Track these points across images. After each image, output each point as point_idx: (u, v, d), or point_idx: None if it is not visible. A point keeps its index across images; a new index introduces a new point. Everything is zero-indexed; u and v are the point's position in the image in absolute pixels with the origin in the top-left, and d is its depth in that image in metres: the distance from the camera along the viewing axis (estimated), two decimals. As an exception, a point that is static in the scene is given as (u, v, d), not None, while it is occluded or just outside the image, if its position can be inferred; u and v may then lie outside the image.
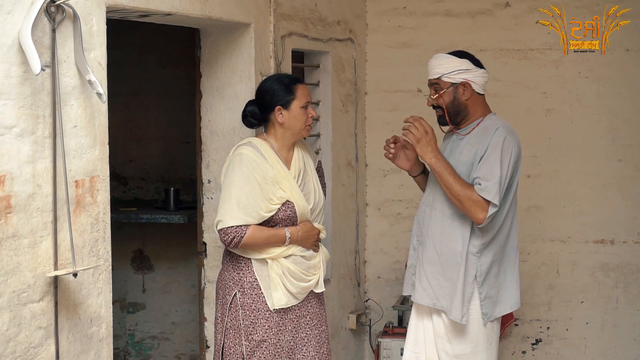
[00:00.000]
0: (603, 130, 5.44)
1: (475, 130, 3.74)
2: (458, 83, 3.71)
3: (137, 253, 6.07)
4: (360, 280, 5.66)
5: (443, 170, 3.65)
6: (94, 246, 2.98)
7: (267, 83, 3.80)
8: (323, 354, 3.86)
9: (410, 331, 3.92)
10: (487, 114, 3.79)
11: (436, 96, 3.75)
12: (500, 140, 3.63)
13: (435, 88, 3.76)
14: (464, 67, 3.71)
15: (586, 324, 5.54)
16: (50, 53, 2.74)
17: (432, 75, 3.77)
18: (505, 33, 5.49)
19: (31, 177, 2.70)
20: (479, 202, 3.58)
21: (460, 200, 3.62)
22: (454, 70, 3.70)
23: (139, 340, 6.10)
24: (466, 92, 3.72)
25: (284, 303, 3.71)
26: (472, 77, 3.72)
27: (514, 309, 3.83)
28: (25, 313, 2.69)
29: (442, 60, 3.75)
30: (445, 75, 3.72)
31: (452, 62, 3.72)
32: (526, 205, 5.47)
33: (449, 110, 3.74)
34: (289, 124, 3.74)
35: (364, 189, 5.70)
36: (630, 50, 5.35)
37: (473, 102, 3.75)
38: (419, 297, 3.80)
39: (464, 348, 3.73)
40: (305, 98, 3.76)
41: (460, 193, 3.61)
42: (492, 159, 3.61)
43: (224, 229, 3.64)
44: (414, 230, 3.90)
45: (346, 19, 5.35)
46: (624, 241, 5.47)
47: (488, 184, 3.58)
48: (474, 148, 3.69)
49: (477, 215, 3.59)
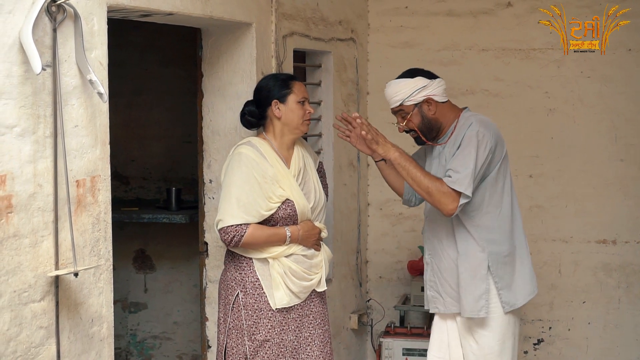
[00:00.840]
0: (605, 129, 5.43)
1: (454, 134, 3.75)
2: (421, 101, 3.72)
3: (139, 253, 6.07)
4: (362, 280, 5.66)
5: (408, 163, 3.65)
6: (95, 246, 2.98)
7: (264, 81, 3.84)
8: (327, 353, 3.86)
9: (434, 336, 3.92)
10: (459, 113, 3.80)
11: (405, 122, 3.76)
12: (472, 133, 3.63)
13: (402, 115, 3.77)
14: (420, 85, 3.71)
15: (588, 324, 5.54)
16: (51, 53, 2.74)
17: (392, 104, 3.78)
18: (507, 33, 5.49)
19: (32, 176, 2.70)
20: (449, 193, 3.58)
21: (429, 193, 3.61)
22: (413, 92, 3.71)
23: (140, 340, 6.11)
24: (431, 107, 3.73)
25: (286, 302, 3.71)
26: (431, 91, 3.72)
27: (532, 295, 3.84)
28: (26, 313, 2.69)
29: (397, 87, 3.75)
30: (406, 100, 3.72)
31: (407, 85, 3.72)
32: (528, 205, 5.47)
33: (422, 130, 3.75)
34: (286, 119, 3.74)
35: (365, 189, 5.70)
36: (632, 50, 5.34)
37: (441, 113, 3.75)
38: (450, 306, 3.81)
39: (492, 346, 3.73)
40: (301, 93, 3.77)
41: (429, 185, 3.60)
42: (465, 152, 3.61)
43: (224, 228, 3.64)
44: (425, 244, 3.93)
45: (348, 18, 5.35)
46: (626, 241, 5.46)
47: (459, 176, 3.58)
48: (452, 149, 3.70)
49: (447, 206, 3.59)
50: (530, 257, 3.89)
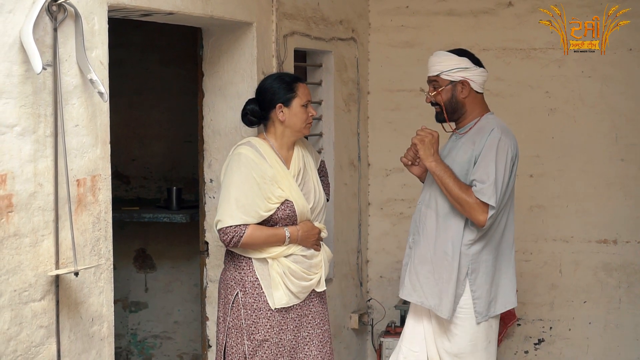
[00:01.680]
0: (606, 129, 5.43)
1: (473, 129, 3.74)
2: (457, 81, 3.73)
3: (140, 252, 6.07)
4: (362, 280, 5.66)
5: (443, 173, 3.66)
6: (96, 245, 2.98)
7: (268, 81, 3.81)
8: (326, 353, 3.86)
9: (407, 329, 3.90)
10: (485, 113, 3.79)
11: (434, 93, 3.76)
12: (495, 141, 3.63)
13: (434, 85, 3.78)
14: (463, 65, 3.72)
15: (589, 324, 5.53)
16: (51, 52, 2.74)
17: (431, 72, 3.79)
18: (508, 32, 5.49)
19: (32, 176, 2.70)
20: (478, 204, 3.59)
21: (460, 204, 3.62)
22: (453, 69, 3.71)
23: (141, 340, 6.11)
24: (464, 90, 3.73)
25: (285, 302, 3.71)
26: (470, 75, 3.72)
27: (508, 307, 3.82)
28: (27, 312, 2.69)
29: (441, 57, 3.76)
30: (444, 73, 3.73)
31: (451, 60, 3.73)
32: (529, 205, 5.47)
33: (446, 107, 3.75)
34: (290, 122, 3.74)
35: (366, 189, 5.70)
36: (633, 49, 5.34)
37: (471, 100, 3.75)
38: (407, 293, 3.80)
39: (464, 347, 3.72)
40: (306, 97, 3.76)
41: (459, 196, 3.61)
42: (487, 161, 3.61)
43: (223, 228, 3.64)
44: (411, 228, 3.90)
45: (349, 18, 5.35)
46: (627, 241, 5.46)
47: (483, 186, 3.59)
48: (469, 148, 3.70)
49: (478, 218, 3.60)
50: (514, 272, 3.85)
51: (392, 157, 4.02)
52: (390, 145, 3.91)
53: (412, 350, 3.87)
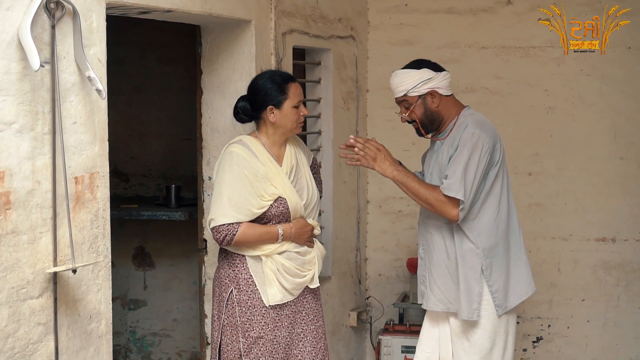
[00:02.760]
0: (605, 128, 5.43)
1: (453, 131, 3.74)
2: (425, 94, 3.71)
3: (139, 250, 6.07)
4: (361, 278, 5.66)
5: (406, 179, 3.68)
6: (94, 242, 2.98)
7: (260, 81, 3.78)
8: (320, 349, 3.86)
9: (424, 332, 3.91)
10: (461, 110, 3.79)
11: (408, 112, 3.75)
12: (468, 136, 3.63)
13: (405, 105, 3.76)
14: (425, 77, 3.70)
15: (587, 322, 5.54)
16: (49, 49, 2.74)
17: (397, 94, 3.76)
18: (507, 30, 5.49)
19: (30, 173, 2.70)
20: (448, 200, 3.61)
21: (430, 204, 3.65)
22: (417, 84, 3.69)
23: (140, 337, 6.11)
24: (435, 99, 3.72)
25: (279, 299, 3.72)
26: (435, 84, 3.71)
27: (528, 295, 3.84)
28: (25, 309, 2.70)
29: (402, 77, 3.74)
30: (411, 91, 3.70)
31: (413, 77, 3.71)
32: (528, 203, 5.47)
33: (423, 122, 3.75)
34: (280, 123, 3.73)
35: (365, 187, 5.69)
36: (632, 48, 5.34)
37: (444, 106, 3.74)
38: (432, 304, 3.81)
39: (483, 344, 3.73)
40: (297, 97, 3.74)
41: (427, 196, 3.64)
42: (460, 156, 3.62)
43: (216, 227, 3.65)
44: (419, 239, 3.92)
45: (347, 16, 5.34)
46: (626, 239, 5.46)
47: (450, 182, 3.60)
48: (449, 149, 3.70)
49: (451, 213, 3.62)
50: (527, 257, 3.88)
51: (391, 155, 4.01)
52: (389, 143, 3.89)
53: (425, 351, 3.88)
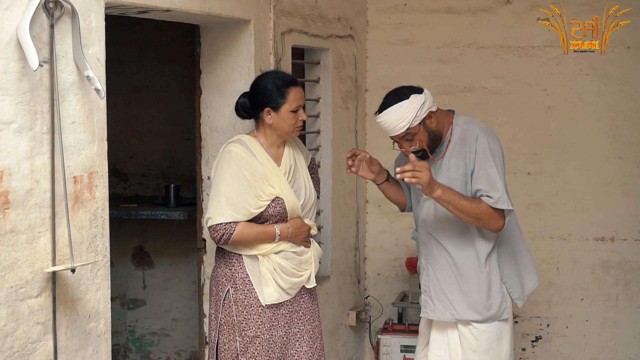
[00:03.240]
0: (604, 127, 5.43)
1: (452, 141, 3.68)
2: (424, 117, 3.61)
3: (138, 249, 6.07)
4: (360, 277, 5.66)
5: (452, 197, 3.55)
6: (93, 242, 2.98)
7: (262, 82, 3.76)
8: (316, 349, 3.86)
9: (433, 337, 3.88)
10: (451, 118, 3.73)
11: (417, 143, 3.62)
12: (485, 146, 3.60)
13: (407, 138, 3.63)
14: (420, 101, 3.58)
15: (586, 322, 5.54)
16: (48, 49, 2.74)
17: (397, 131, 3.61)
18: (506, 30, 5.49)
19: (29, 172, 2.70)
20: (495, 213, 3.58)
21: (478, 218, 3.57)
22: (417, 112, 3.58)
23: (139, 337, 6.11)
24: (432, 119, 3.64)
25: (275, 299, 3.72)
26: (428, 104, 3.61)
27: (536, 285, 3.87)
28: (23, 308, 2.70)
29: (399, 113, 3.58)
30: (413, 121, 3.58)
31: (410, 107, 3.57)
32: (527, 203, 5.47)
33: (430, 146, 3.66)
34: (277, 126, 3.73)
35: (364, 186, 5.70)
36: (631, 47, 5.34)
37: (439, 121, 3.67)
38: (439, 314, 3.79)
39: (491, 342, 3.75)
40: (296, 102, 3.72)
41: (476, 211, 3.56)
42: (487, 168, 3.58)
43: (213, 226, 3.65)
44: (419, 249, 3.89)
45: (347, 15, 5.35)
46: (625, 239, 5.47)
47: (499, 195, 3.56)
48: (461, 162, 3.64)
49: (497, 225, 3.60)
50: (528, 248, 3.88)
51: (389, 154, 4.00)
52: (388, 143, 3.87)
53: (437, 355, 3.86)
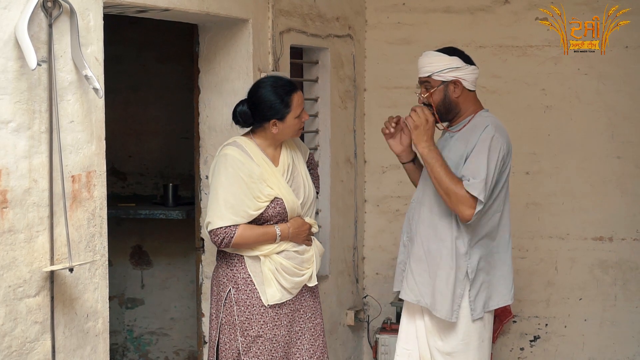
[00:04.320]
0: (602, 127, 5.44)
1: (466, 127, 3.71)
2: (448, 81, 3.67)
3: (136, 249, 6.07)
4: (358, 277, 5.66)
5: (434, 161, 3.60)
6: (91, 241, 2.98)
7: (263, 92, 3.68)
8: (318, 346, 3.86)
9: (402, 328, 3.90)
10: (479, 110, 3.76)
11: (427, 95, 3.71)
12: (488, 137, 3.60)
13: (426, 86, 3.72)
14: (454, 65, 3.67)
15: (584, 321, 5.54)
16: (46, 48, 2.74)
17: (422, 73, 3.73)
18: (504, 30, 5.49)
19: (27, 172, 2.70)
20: (466, 198, 3.55)
21: (448, 194, 3.58)
22: (444, 69, 3.66)
23: (137, 336, 6.11)
24: (457, 89, 3.68)
25: (278, 299, 3.71)
26: (462, 74, 3.67)
27: (503, 304, 3.79)
28: (21, 308, 2.70)
29: (432, 58, 3.71)
30: (436, 74, 3.67)
31: (442, 61, 3.68)
32: (525, 202, 5.47)
33: (439, 108, 3.71)
34: (282, 133, 3.72)
35: (362, 186, 5.70)
36: (629, 47, 5.34)
37: (464, 99, 3.71)
38: (404, 293, 3.79)
39: (456, 345, 3.71)
40: (299, 107, 3.71)
41: (449, 187, 3.57)
42: (480, 156, 3.58)
43: (213, 230, 3.64)
44: (405, 226, 3.87)
45: (345, 15, 5.35)
46: (623, 238, 5.47)
47: (475, 181, 3.55)
48: (462, 145, 3.66)
49: (464, 212, 3.56)
50: (511, 266, 3.81)
51: (388, 154, 4.01)
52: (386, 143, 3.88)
53: (405, 348, 3.87)
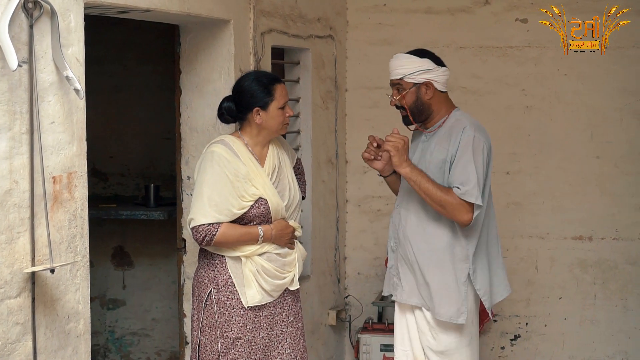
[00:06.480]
0: (582, 127, 5.48)
1: (442, 128, 3.74)
2: (420, 83, 3.70)
3: (117, 249, 6.06)
4: (340, 277, 5.67)
5: (419, 178, 3.62)
6: (72, 242, 2.98)
7: (246, 82, 3.75)
8: (299, 351, 3.86)
9: (397, 330, 3.92)
10: (451, 110, 3.79)
11: (399, 97, 3.74)
12: (470, 140, 3.62)
13: (398, 88, 3.75)
14: (426, 67, 3.70)
15: (564, 320, 5.58)
16: (27, 49, 2.73)
17: (393, 76, 3.75)
18: (484, 30, 5.52)
19: (8, 173, 2.69)
20: (462, 204, 3.57)
21: (442, 205, 3.60)
22: (416, 71, 3.69)
23: (119, 337, 6.10)
24: (429, 91, 3.71)
25: (257, 300, 3.71)
26: (434, 76, 3.71)
27: (506, 294, 3.87)
28: (2, 309, 2.69)
29: (403, 61, 3.74)
30: (407, 76, 3.70)
31: (413, 63, 3.71)
32: (505, 202, 5.50)
33: (412, 110, 3.74)
34: (267, 125, 3.73)
35: (344, 186, 5.71)
36: (608, 47, 5.37)
37: (436, 100, 3.74)
38: (406, 297, 3.80)
39: (449, 344, 3.75)
40: (283, 99, 3.73)
41: (441, 198, 3.59)
42: (465, 161, 3.60)
43: (196, 227, 3.64)
44: (391, 232, 3.89)
45: (326, 15, 5.36)
46: (602, 237, 5.51)
47: (468, 188, 3.57)
48: (444, 149, 3.68)
49: (462, 218, 3.59)
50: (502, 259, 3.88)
51: (368, 154, 4.03)
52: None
53: (403, 349, 3.89)
